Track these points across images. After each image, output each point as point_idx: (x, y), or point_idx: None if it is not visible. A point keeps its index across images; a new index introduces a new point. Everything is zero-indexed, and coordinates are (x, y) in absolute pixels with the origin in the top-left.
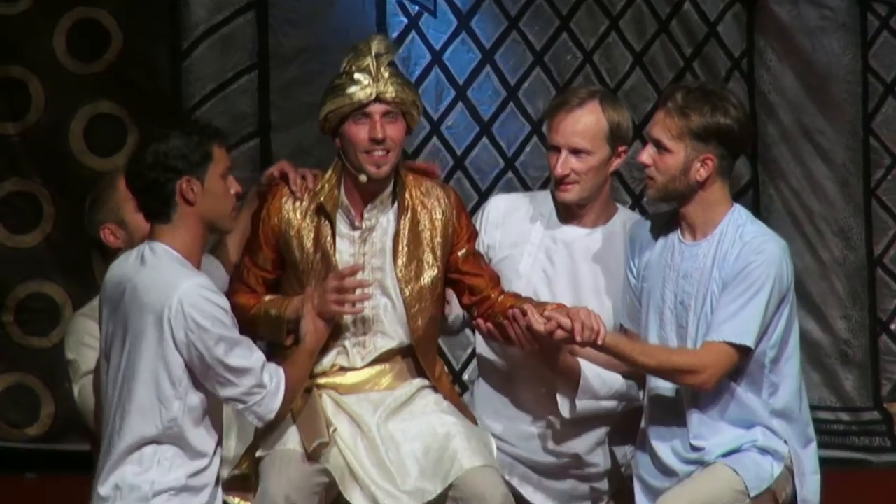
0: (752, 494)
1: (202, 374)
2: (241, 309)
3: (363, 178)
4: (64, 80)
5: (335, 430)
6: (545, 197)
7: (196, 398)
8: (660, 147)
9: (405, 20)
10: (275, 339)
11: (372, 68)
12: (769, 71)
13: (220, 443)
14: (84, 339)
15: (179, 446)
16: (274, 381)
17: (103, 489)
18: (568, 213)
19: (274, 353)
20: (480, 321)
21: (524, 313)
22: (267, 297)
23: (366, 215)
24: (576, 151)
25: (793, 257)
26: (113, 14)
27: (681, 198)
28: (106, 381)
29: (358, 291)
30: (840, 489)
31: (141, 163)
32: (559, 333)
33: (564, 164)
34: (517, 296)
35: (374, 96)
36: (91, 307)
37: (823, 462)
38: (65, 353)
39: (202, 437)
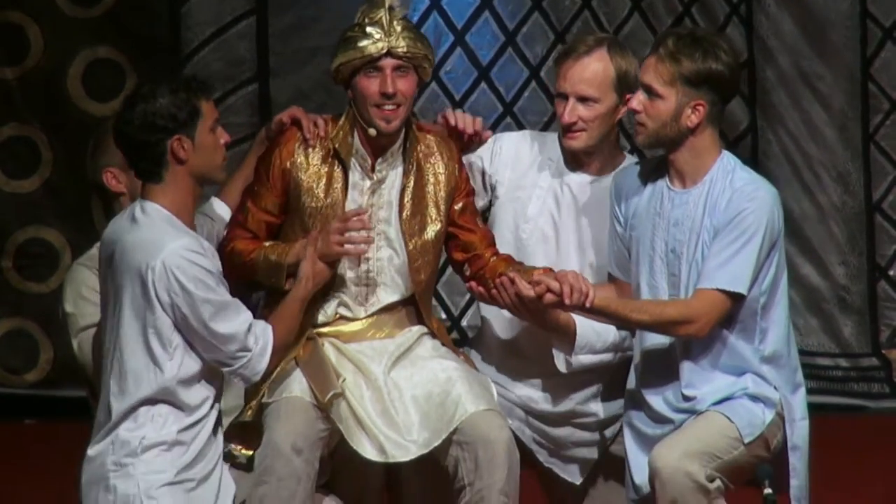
0: (746, 441)
1: (188, 334)
2: (240, 254)
3: (372, 132)
4: (62, 25)
5: (344, 380)
6: (553, 140)
7: (190, 357)
8: (651, 93)
9: None
10: (274, 284)
11: (384, 21)
12: (768, 16)
13: (217, 397)
14: (82, 291)
15: (174, 404)
16: (260, 342)
17: (96, 448)
18: (575, 160)
19: (272, 298)
20: (473, 284)
21: (512, 281)
22: (267, 243)
23: (377, 167)
24: (583, 99)
25: (791, 203)
26: None
27: (671, 144)
28: (104, 340)
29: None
30: (839, 435)
31: (129, 124)
32: (549, 297)
33: (572, 111)
34: (508, 260)
35: (385, 50)
36: (89, 256)
37: (823, 408)
38: (63, 303)
39: (197, 393)
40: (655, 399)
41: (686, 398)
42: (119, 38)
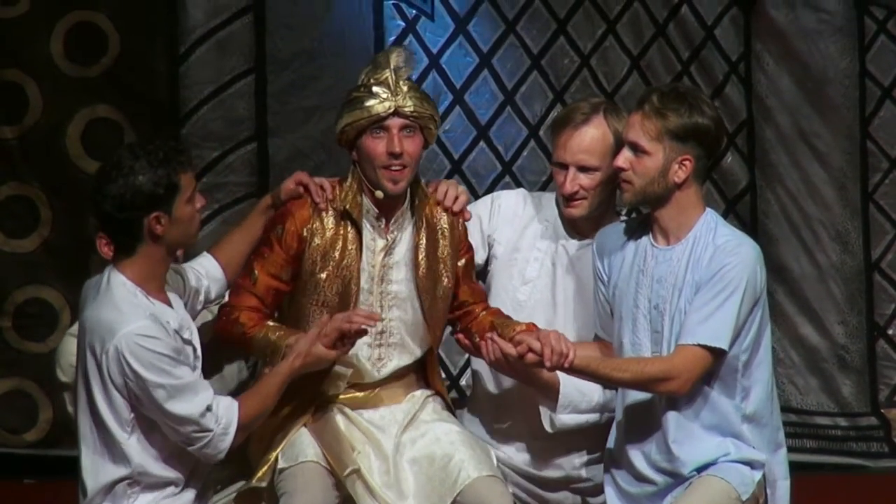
0: (744, 498)
1: (147, 414)
2: (241, 325)
3: (379, 194)
4: (61, 84)
5: (359, 452)
6: (549, 201)
7: (153, 434)
8: (637, 150)
9: (402, 24)
10: (268, 362)
11: (391, 81)
12: (766, 75)
13: (193, 470)
14: (73, 363)
15: (146, 480)
16: (222, 422)
17: None
18: (572, 225)
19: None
20: (461, 336)
21: (494, 342)
22: (271, 323)
23: (390, 228)
24: (583, 169)
25: (790, 262)
26: (110, 18)
27: (657, 201)
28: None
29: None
30: (838, 495)
31: (107, 200)
32: (530, 357)
33: (573, 181)
34: (496, 313)
35: (392, 110)
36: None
37: (821, 467)
38: (56, 373)
39: (168, 467)
40: (636, 456)
41: (669, 457)
42: (118, 98)
